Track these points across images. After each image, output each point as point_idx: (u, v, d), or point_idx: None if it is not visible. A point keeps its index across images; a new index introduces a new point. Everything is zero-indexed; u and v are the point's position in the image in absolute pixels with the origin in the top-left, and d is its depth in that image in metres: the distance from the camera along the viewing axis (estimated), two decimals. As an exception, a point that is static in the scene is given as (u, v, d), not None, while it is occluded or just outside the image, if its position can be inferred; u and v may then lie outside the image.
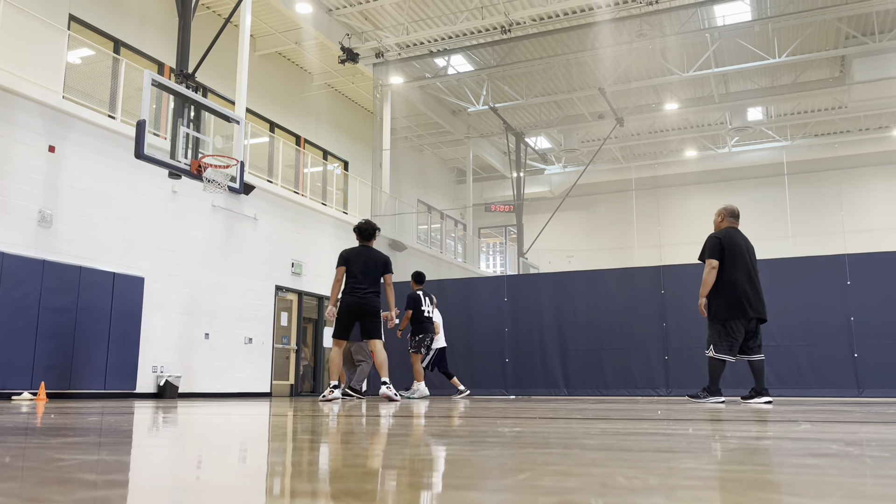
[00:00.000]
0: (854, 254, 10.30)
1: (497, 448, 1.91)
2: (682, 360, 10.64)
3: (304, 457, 1.73)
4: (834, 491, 1.11)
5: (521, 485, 1.20)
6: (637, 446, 1.94)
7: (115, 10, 13.07)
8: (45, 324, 9.86)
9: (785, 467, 1.43)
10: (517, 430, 2.73)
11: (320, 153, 18.69)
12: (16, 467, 1.45)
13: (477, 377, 12.11)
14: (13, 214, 9.74)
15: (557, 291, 11.78)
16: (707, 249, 6.86)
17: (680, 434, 2.45)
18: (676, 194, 23.02)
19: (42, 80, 10.43)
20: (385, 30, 16.58)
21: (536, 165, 24.96)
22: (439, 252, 21.90)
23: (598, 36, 16.21)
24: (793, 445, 1.96)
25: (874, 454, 1.70)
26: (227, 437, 2.44)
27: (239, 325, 13.58)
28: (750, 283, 6.69)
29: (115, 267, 11.11)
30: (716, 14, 16.00)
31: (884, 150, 21.64)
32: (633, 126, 22.12)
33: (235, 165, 10.40)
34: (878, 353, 9.90)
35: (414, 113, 20.59)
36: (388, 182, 18.24)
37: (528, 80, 19.16)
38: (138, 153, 9.12)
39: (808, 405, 6.36)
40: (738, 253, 6.75)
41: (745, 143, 23.23)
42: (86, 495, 1.08)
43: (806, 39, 16.81)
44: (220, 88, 14.95)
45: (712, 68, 17.52)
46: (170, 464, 1.58)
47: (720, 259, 6.73)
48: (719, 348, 6.66)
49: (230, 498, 1.09)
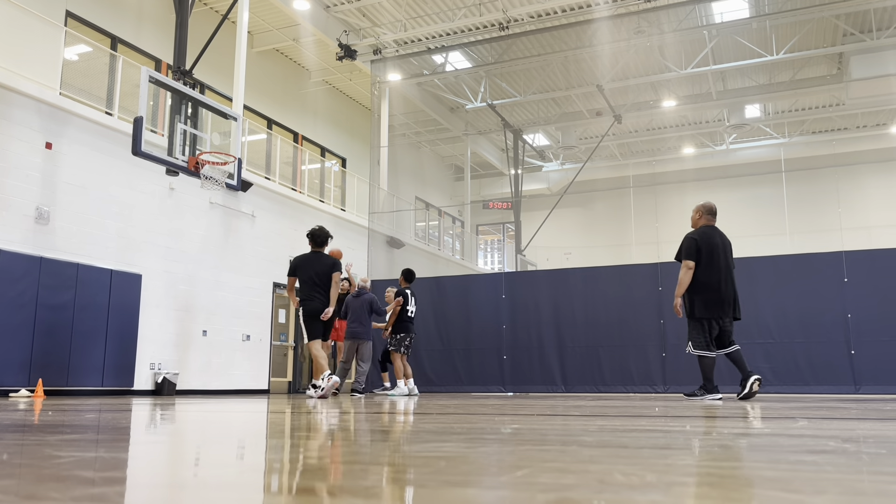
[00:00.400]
0: (851, 251, 10.32)
1: (495, 445, 1.91)
2: (680, 356, 10.65)
3: (302, 454, 1.73)
4: (831, 488, 1.12)
5: (520, 481, 1.20)
6: (634, 443, 1.95)
7: (112, 7, 13.04)
8: (42, 321, 9.85)
9: (782, 464, 1.43)
10: (515, 426, 2.73)
11: (318, 150, 18.67)
12: (13, 464, 1.45)
13: (475, 374, 12.12)
14: (10, 211, 9.72)
15: (555, 288, 11.79)
16: (684, 250, 6.91)
17: (677, 431, 2.46)
18: (674, 191, 23.03)
19: (39, 76, 10.40)
20: (383, 26, 16.56)
21: (534, 162, 24.96)
22: (437, 249, 21.89)
23: (596, 33, 16.20)
24: (790, 442, 1.96)
25: (871, 451, 1.70)
26: (225, 434, 2.44)
27: (236, 322, 13.58)
28: (726, 282, 6.76)
29: (113, 264, 11.10)
30: (714, 11, 16.00)
31: (881, 147, 21.66)
32: (631, 123, 22.12)
33: (233, 162, 10.38)
34: (874, 350, 9.92)
35: (412, 110, 20.57)
36: (385, 179, 18.23)
37: (526, 76, 19.15)
38: (135, 150, 9.10)
39: (805, 402, 6.38)
40: (715, 252, 6.80)
41: (742, 140, 23.24)
42: (83, 492, 1.08)
43: (804, 36, 16.81)
44: (217, 85, 14.94)
45: (710, 65, 17.52)
46: (167, 461, 1.58)
47: (697, 259, 6.78)
48: (698, 345, 6.77)
49: (228, 495, 1.09)
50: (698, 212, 7.14)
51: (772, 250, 13.17)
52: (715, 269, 6.75)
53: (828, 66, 18.72)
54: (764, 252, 11.92)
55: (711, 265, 6.76)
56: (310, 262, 8.14)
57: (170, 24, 13.45)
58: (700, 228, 7.01)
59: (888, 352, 9.85)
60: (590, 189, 24.08)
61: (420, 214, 22.56)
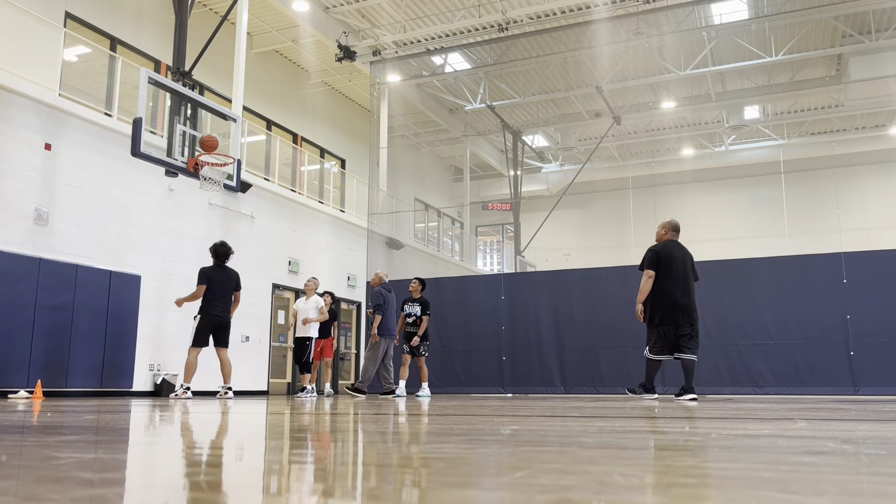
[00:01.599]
0: (850, 252, 10.33)
1: (494, 446, 1.91)
2: (679, 358, 10.64)
3: (301, 455, 1.73)
4: (830, 489, 1.12)
5: (519, 483, 1.20)
6: (634, 444, 1.95)
7: (111, 8, 13.04)
8: (41, 322, 9.84)
9: (781, 465, 1.43)
10: (514, 427, 2.73)
11: (317, 151, 18.68)
12: (12, 465, 1.45)
13: (474, 375, 12.12)
14: (9, 212, 9.71)
15: (554, 289, 11.79)
16: (646, 261, 7.48)
17: (677, 432, 2.46)
18: (673, 193, 23.04)
19: (38, 77, 10.40)
20: (382, 28, 16.56)
21: (533, 164, 24.96)
22: (436, 250, 21.89)
23: (596, 34, 16.21)
24: (789, 443, 1.96)
25: (870, 452, 1.70)
26: (224, 435, 2.44)
27: (236, 324, 13.57)
28: (682, 292, 7.28)
29: (112, 265, 11.09)
30: (713, 12, 16.02)
31: (880, 148, 21.68)
32: (630, 124, 22.13)
33: (232, 163, 10.38)
34: (874, 351, 9.92)
35: (411, 111, 20.57)
36: (385, 180, 18.23)
37: (526, 78, 19.15)
38: (135, 151, 9.10)
39: (805, 403, 6.38)
40: (673, 264, 7.34)
41: (741, 142, 23.25)
42: (82, 494, 1.08)
43: (802, 38, 16.83)
44: (216, 86, 14.94)
45: (709, 66, 17.53)
46: (166, 462, 1.58)
47: (656, 270, 7.35)
48: (653, 349, 7.34)
49: (227, 496, 1.09)
50: (663, 227, 7.73)
51: (771, 251, 13.17)
52: (672, 279, 7.30)
53: (827, 67, 18.74)
54: (763, 253, 11.93)
55: (668, 276, 7.31)
56: (219, 275, 8.91)
57: (169, 25, 13.45)
58: (663, 242, 7.57)
59: (887, 353, 9.85)
60: (589, 190, 24.08)
61: (419, 216, 22.56)
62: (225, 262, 9.04)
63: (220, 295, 8.83)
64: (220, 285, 8.85)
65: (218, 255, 9.00)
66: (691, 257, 7.53)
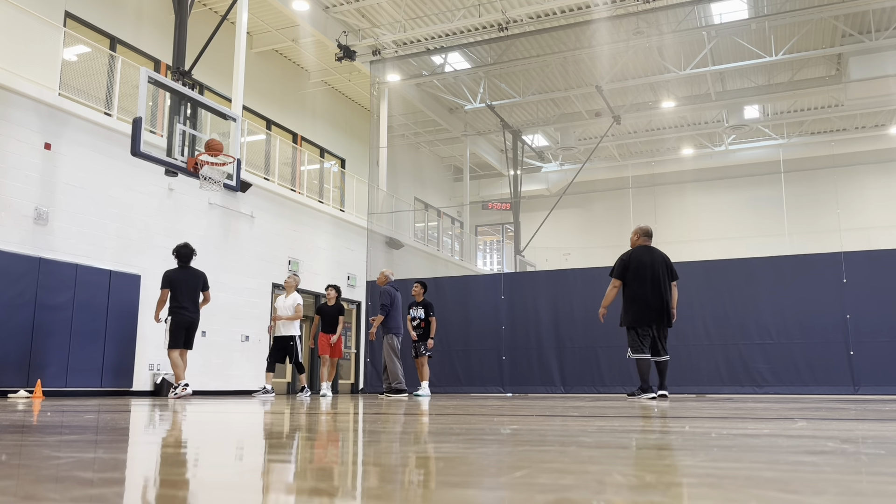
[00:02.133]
0: (850, 251, 10.33)
1: (494, 446, 1.91)
2: (678, 357, 10.65)
3: (301, 455, 1.73)
4: (830, 488, 1.12)
5: (519, 482, 1.20)
6: (633, 443, 1.95)
7: (111, 7, 13.04)
8: (41, 321, 9.84)
9: (781, 464, 1.43)
10: (514, 427, 2.73)
11: (317, 151, 18.67)
12: (12, 465, 1.45)
13: (473, 375, 12.12)
14: (9, 212, 9.71)
15: (554, 289, 11.79)
16: (614, 269, 7.83)
17: (676, 431, 2.46)
18: (673, 192, 23.04)
19: (38, 77, 10.39)
20: (382, 27, 16.56)
21: (533, 163, 24.96)
22: (436, 250, 21.89)
23: (595, 33, 16.21)
24: (789, 443, 1.96)
25: (870, 451, 1.70)
26: (224, 434, 2.44)
27: (235, 323, 13.58)
28: (654, 294, 7.57)
29: (112, 265, 11.09)
30: (713, 12, 16.01)
31: (880, 147, 21.68)
32: (630, 124, 22.13)
33: (232, 163, 10.37)
34: (873, 350, 9.92)
35: (411, 111, 20.57)
36: (385, 180, 18.22)
37: (525, 77, 19.15)
38: (135, 151, 9.09)
39: (804, 402, 6.38)
40: (643, 269, 7.64)
41: (741, 141, 23.25)
42: (82, 493, 1.08)
43: (802, 37, 16.83)
44: (216, 86, 14.94)
45: (709, 66, 17.52)
46: (166, 462, 1.58)
47: (623, 276, 7.71)
48: (634, 350, 7.57)
49: (227, 495, 1.08)
50: (636, 233, 7.97)
51: (771, 251, 13.17)
52: (640, 283, 7.60)
53: (827, 67, 18.73)
54: (763, 253, 11.92)
55: (638, 280, 7.61)
56: (182, 277, 8.92)
57: (169, 24, 13.45)
58: (633, 248, 7.87)
59: (887, 352, 9.85)
60: (589, 190, 24.08)
61: (419, 215, 22.56)
62: (188, 263, 9.04)
63: (187, 296, 8.86)
64: (186, 286, 8.87)
65: (180, 256, 9.03)
66: (665, 259, 7.79)
